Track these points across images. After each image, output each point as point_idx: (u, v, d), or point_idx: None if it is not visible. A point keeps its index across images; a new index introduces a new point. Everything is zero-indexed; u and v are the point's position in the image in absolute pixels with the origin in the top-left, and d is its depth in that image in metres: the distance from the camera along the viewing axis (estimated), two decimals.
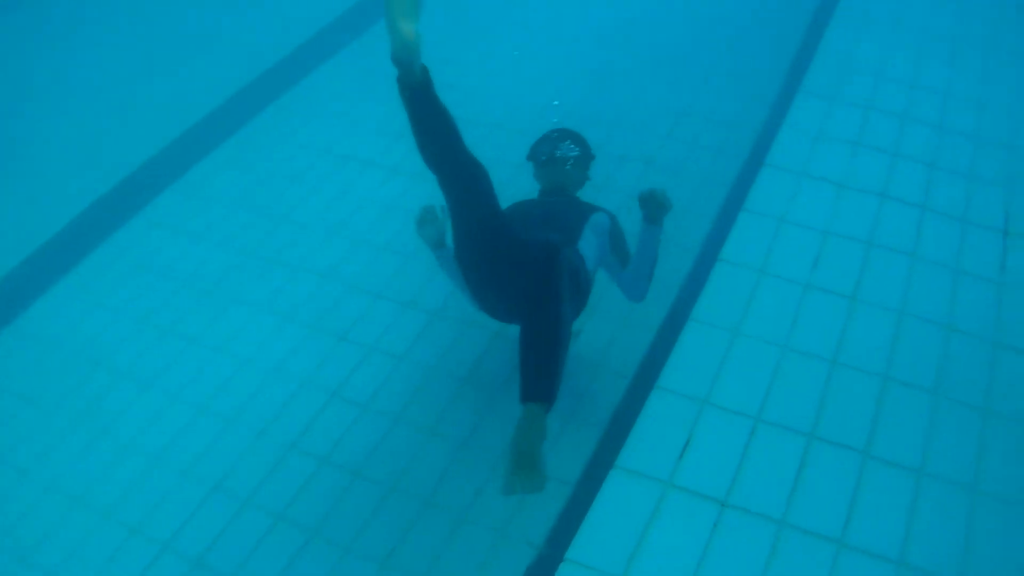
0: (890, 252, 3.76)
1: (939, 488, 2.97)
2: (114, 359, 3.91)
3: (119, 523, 3.30)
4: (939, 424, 3.15)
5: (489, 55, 5.44)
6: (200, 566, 3.12)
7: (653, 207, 3.12)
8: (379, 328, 3.87)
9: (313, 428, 3.50)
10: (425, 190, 4.07)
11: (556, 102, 4.93)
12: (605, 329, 3.69)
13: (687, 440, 3.13)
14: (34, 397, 3.80)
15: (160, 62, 5.66)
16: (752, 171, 4.18)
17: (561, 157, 3.52)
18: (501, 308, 2.99)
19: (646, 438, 3.15)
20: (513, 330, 3.54)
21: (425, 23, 2.60)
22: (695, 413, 3.21)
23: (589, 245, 3.13)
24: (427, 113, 2.71)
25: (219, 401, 3.67)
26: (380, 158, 4.77)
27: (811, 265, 3.71)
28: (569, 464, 3.20)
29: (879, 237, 3.82)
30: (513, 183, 4.03)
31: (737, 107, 4.73)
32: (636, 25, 5.50)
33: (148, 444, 3.54)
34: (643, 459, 3.09)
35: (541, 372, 2.61)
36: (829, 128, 4.35)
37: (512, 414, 2.67)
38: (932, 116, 4.42)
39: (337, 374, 3.69)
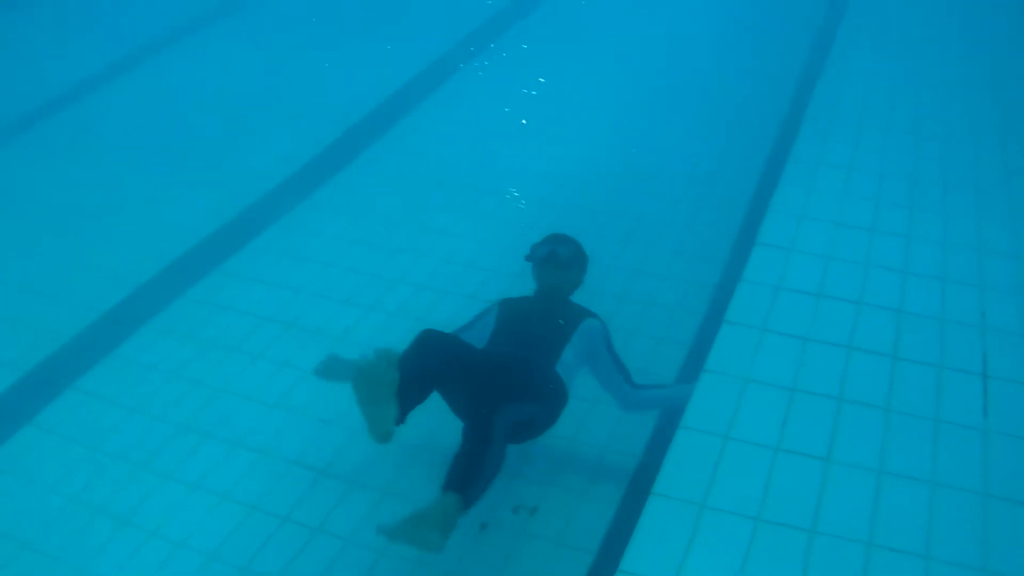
0: (863, 407, 3.58)
1: None
2: (44, 542, 3.73)
3: None
4: None
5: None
6: None
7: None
8: (323, 509, 3.65)
9: None
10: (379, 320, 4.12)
11: None
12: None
13: None
14: None
15: (92, 228, 5.64)
16: (712, 328, 4.05)
17: (558, 259, 3.85)
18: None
19: None
20: None
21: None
22: None
23: (575, 351, 3.57)
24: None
25: None
26: (326, 326, 4.68)
27: (780, 426, 3.52)
28: None
29: (850, 392, 3.65)
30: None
31: (691, 263, 4.69)
32: (580, 191, 5.56)
33: None
34: None
35: (468, 472, 3.03)
36: (789, 279, 4.25)
37: None
38: (895, 260, 4.34)
39: (278, 559, 3.48)
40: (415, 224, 5.44)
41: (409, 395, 3.09)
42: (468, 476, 3.04)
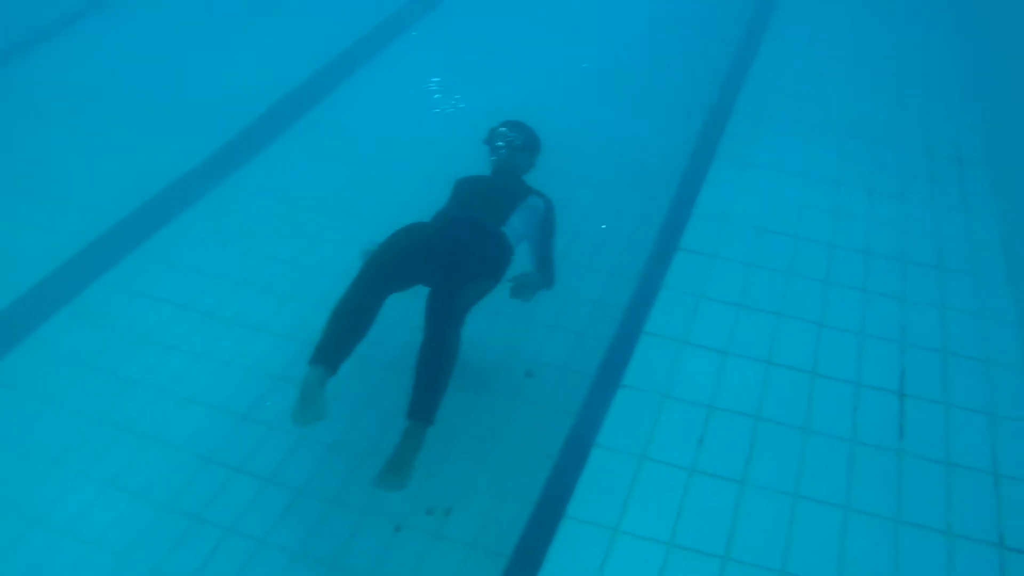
0: (781, 427, 3.57)
1: None
2: None
3: None
4: None
5: None
6: None
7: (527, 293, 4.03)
8: (238, 507, 3.57)
9: None
10: (293, 350, 4.22)
11: None
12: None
13: None
14: None
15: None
16: (630, 341, 3.99)
17: (511, 141, 4.32)
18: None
19: None
20: None
21: None
22: None
23: (519, 221, 3.93)
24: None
25: None
26: (244, 316, 4.52)
27: (696, 446, 3.49)
28: None
29: (768, 410, 3.64)
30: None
31: (604, 281, 4.65)
32: None
33: None
34: None
35: (427, 394, 3.36)
36: (710, 290, 4.22)
37: None
38: (817, 271, 4.34)
39: (191, 560, 3.38)
40: (337, 208, 5.26)
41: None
42: (430, 394, 3.38)
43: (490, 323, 4.36)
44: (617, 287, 4.58)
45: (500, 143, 4.37)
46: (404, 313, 4.04)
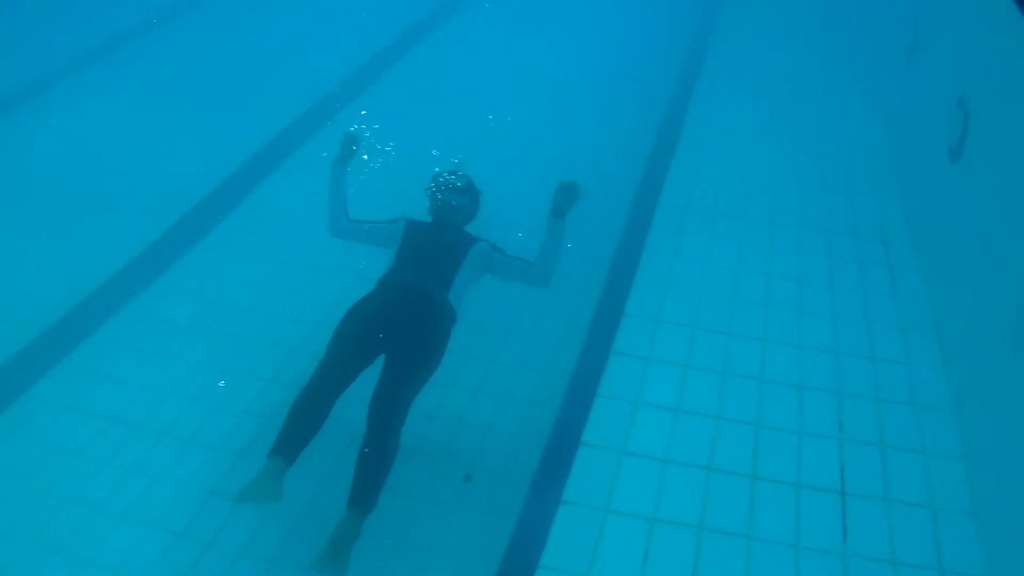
0: (724, 536, 3.55)
1: None
2: None
3: None
4: None
5: None
6: None
7: (562, 198, 4.35)
8: None
9: None
10: (225, 462, 4.23)
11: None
12: None
13: None
14: None
15: None
16: (569, 452, 3.97)
17: (454, 186, 4.56)
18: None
19: None
20: None
21: None
22: None
23: (465, 275, 4.26)
24: None
25: None
26: (174, 427, 4.45)
27: (641, 563, 3.45)
28: None
29: (711, 518, 3.62)
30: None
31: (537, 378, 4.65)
32: None
33: None
34: None
35: (367, 487, 3.61)
36: (646, 395, 4.22)
37: None
38: (752, 370, 4.37)
39: None
40: (267, 311, 5.22)
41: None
42: (370, 487, 3.64)
43: (425, 427, 4.38)
44: (549, 384, 4.58)
45: (440, 194, 4.57)
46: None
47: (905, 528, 3.61)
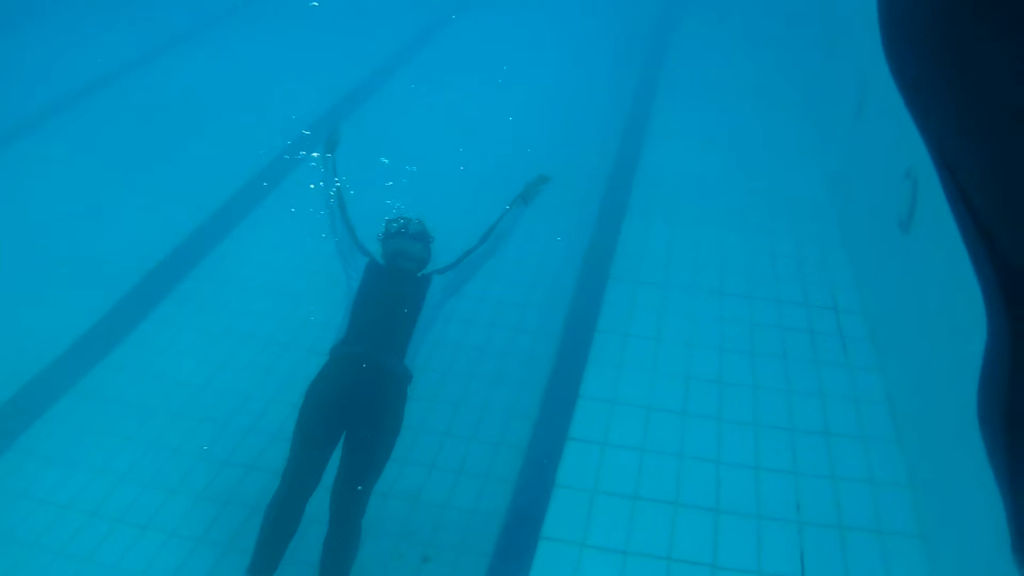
0: None
1: None
2: None
3: None
4: None
5: None
6: None
7: (535, 187, 4.66)
8: None
9: None
10: (183, 550, 4.16)
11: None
12: None
13: None
14: None
15: None
16: (528, 548, 3.93)
17: (406, 236, 4.51)
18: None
19: None
20: None
21: None
22: None
23: (429, 313, 4.28)
24: None
25: None
26: (129, 514, 4.37)
27: None
28: None
29: None
30: None
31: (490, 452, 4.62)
32: None
33: None
34: None
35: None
36: (603, 482, 4.21)
37: None
38: (709, 451, 4.38)
39: None
40: (218, 388, 5.14)
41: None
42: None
43: (380, 506, 4.31)
44: (503, 458, 4.56)
45: (393, 241, 4.54)
46: None
47: None
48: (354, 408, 4.01)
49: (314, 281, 5.90)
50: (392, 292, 4.34)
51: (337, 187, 4.70)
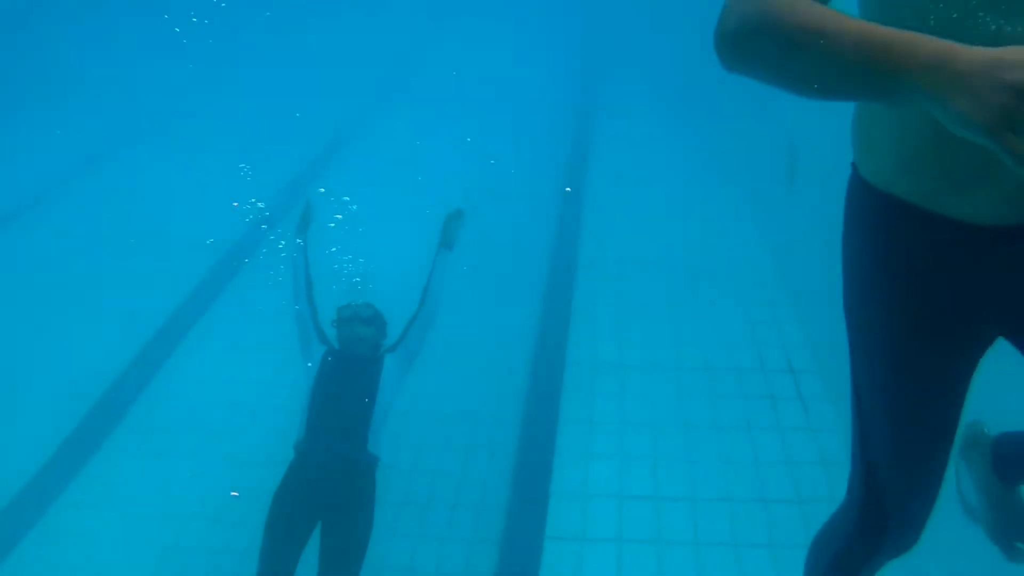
0: None
1: None
2: None
3: None
4: None
5: None
6: None
7: (453, 227, 4.74)
8: None
9: None
10: None
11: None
12: None
13: None
14: None
15: None
16: None
17: (358, 321, 4.52)
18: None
19: None
20: None
21: None
22: None
23: (386, 391, 4.33)
24: None
25: None
26: None
27: None
28: None
29: None
30: None
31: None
32: None
33: None
34: None
35: None
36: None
37: None
38: (685, 535, 4.39)
39: None
40: (180, 515, 5.03)
41: None
42: None
43: None
44: (479, 554, 4.56)
45: (346, 326, 4.55)
46: None
47: None
48: (324, 503, 4.06)
49: (270, 390, 5.84)
50: (348, 380, 4.39)
51: (307, 270, 4.76)
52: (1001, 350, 1.76)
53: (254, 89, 11.41)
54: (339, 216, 5.84)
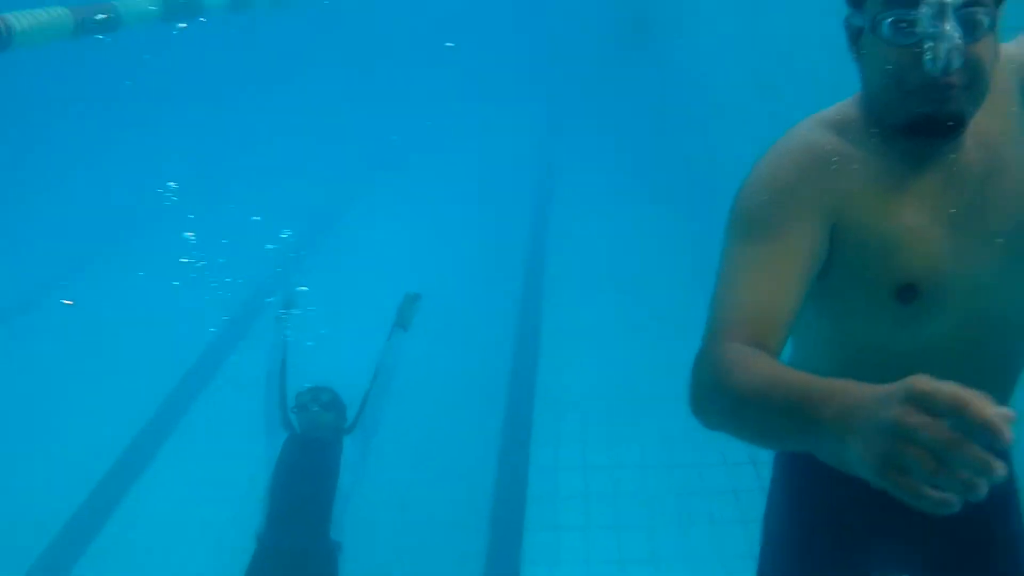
0: None
1: None
2: None
3: None
4: None
5: None
6: None
7: (408, 308, 5.00)
8: None
9: None
10: None
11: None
12: None
13: None
14: None
15: None
16: None
17: (317, 405, 4.61)
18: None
19: None
20: None
21: None
22: None
23: (347, 473, 4.41)
24: None
25: None
26: None
27: None
28: None
29: None
30: None
31: None
32: None
33: None
34: None
35: None
36: None
37: None
38: None
39: None
40: None
41: None
42: None
43: None
44: None
45: (305, 413, 4.62)
46: None
47: None
48: None
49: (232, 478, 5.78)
50: (308, 465, 4.47)
51: (283, 356, 4.87)
52: None
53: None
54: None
